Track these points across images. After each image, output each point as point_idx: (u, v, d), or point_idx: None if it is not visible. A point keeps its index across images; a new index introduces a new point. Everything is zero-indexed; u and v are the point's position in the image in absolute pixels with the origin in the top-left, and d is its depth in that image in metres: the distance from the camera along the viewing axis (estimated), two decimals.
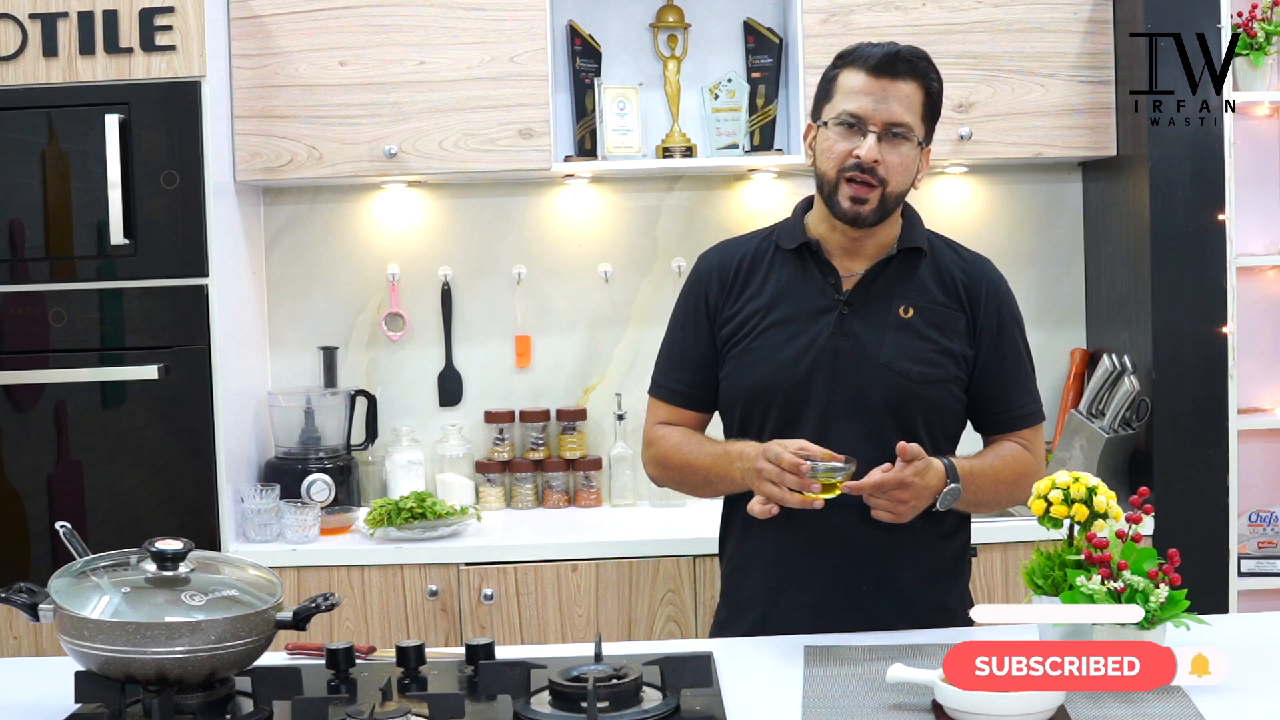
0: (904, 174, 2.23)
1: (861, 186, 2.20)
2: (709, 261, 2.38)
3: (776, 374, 2.24)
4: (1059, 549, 1.97)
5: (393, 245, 3.68)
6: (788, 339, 2.25)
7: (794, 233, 2.32)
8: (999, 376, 2.30)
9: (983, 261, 2.37)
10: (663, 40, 3.61)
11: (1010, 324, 2.32)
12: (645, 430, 2.44)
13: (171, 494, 3.17)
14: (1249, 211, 3.47)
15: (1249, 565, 3.34)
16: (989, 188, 3.70)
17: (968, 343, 2.28)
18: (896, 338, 2.24)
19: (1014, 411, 2.32)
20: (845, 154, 2.20)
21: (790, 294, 2.28)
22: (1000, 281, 2.35)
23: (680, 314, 2.38)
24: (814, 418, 2.23)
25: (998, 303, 2.32)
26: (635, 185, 3.68)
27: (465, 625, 3.14)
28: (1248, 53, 3.26)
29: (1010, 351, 2.32)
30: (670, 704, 1.79)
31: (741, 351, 2.28)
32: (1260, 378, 3.56)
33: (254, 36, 3.31)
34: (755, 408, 2.27)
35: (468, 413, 3.68)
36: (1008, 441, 2.32)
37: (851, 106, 2.20)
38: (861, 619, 2.20)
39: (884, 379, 2.23)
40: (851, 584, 2.24)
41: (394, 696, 1.85)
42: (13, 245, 3.14)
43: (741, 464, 2.19)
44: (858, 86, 2.21)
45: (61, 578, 1.85)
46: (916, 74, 2.22)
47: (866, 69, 2.21)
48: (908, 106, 2.21)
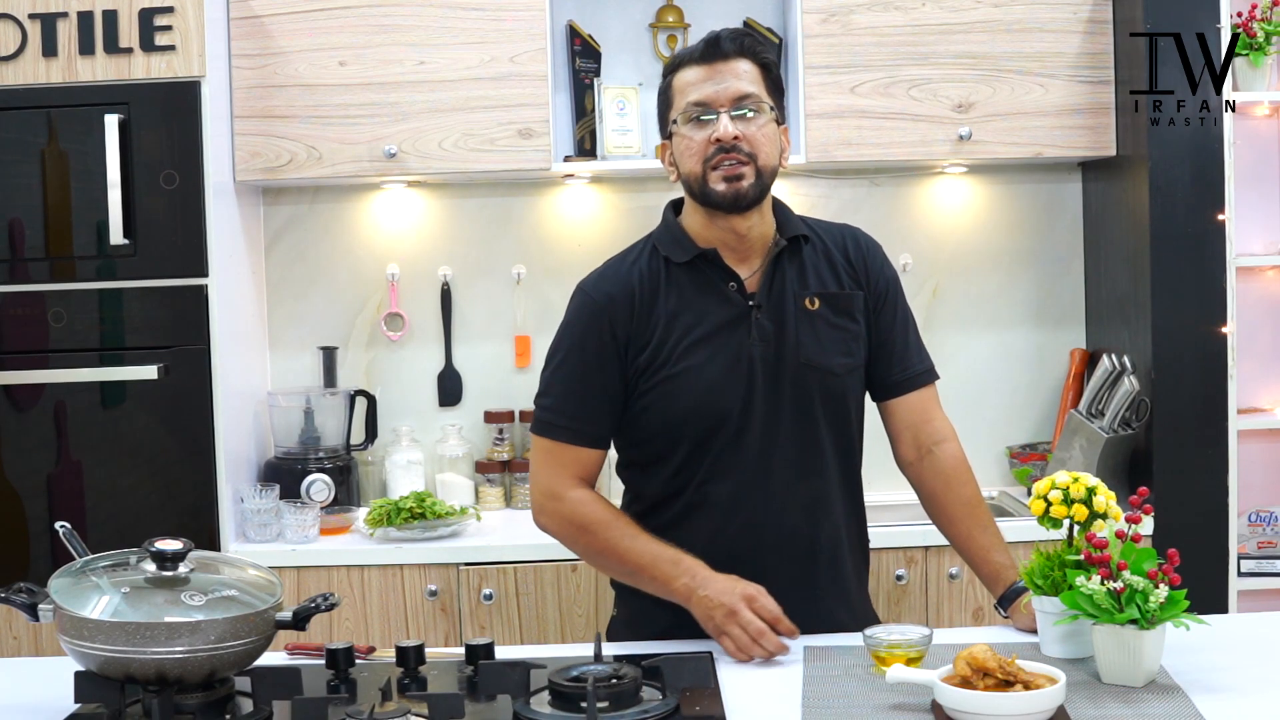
0: (769, 145, 2.18)
1: (732, 165, 2.15)
2: (605, 290, 2.24)
3: (715, 393, 2.18)
4: (1059, 549, 1.97)
5: (392, 245, 3.68)
6: (710, 356, 2.19)
7: (681, 244, 2.23)
8: (893, 336, 2.29)
9: (854, 230, 2.35)
10: (663, 40, 3.61)
11: (893, 283, 2.32)
12: (544, 479, 2.25)
13: (171, 494, 3.17)
14: (1249, 211, 3.47)
15: (1249, 565, 3.34)
16: (988, 188, 3.70)
17: (867, 320, 2.27)
18: (810, 332, 2.21)
19: (912, 369, 2.30)
20: (704, 143, 2.16)
21: (698, 308, 2.20)
22: (875, 245, 2.34)
23: (578, 351, 2.22)
24: (759, 429, 2.19)
25: (879, 266, 2.31)
26: (635, 185, 3.68)
27: (465, 625, 3.14)
28: (1248, 53, 3.26)
29: (901, 311, 2.31)
30: (670, 704, 1.79)
31: (665, 379, 2.19)
32: (1260, 378, 3.56)
33: (254, 36, 3.31)
34: (690, 432, 2.19)
35: (467, 413, 3.68)
36: (953, 484, 2.28)
37: (694, 97, 2.17)
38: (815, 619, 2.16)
39: (812, 378, 2.21)
40: (805, 582, 2.23)
41: (394, 696, 1.85)
42: (13, 245, 3.14)
43: (689, 581, 2.10)
44: (694, 78, 2.19)
45: (61, 578, 1.85)
46: (744, 50, 2.20)
47: (694, 61, 2.19)
48: (749, 80, 2.18)
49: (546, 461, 2.26)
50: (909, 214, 3.68)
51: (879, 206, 3.66)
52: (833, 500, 2.25)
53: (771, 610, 2.06)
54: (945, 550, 3.16)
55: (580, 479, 2.25)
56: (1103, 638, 1.84)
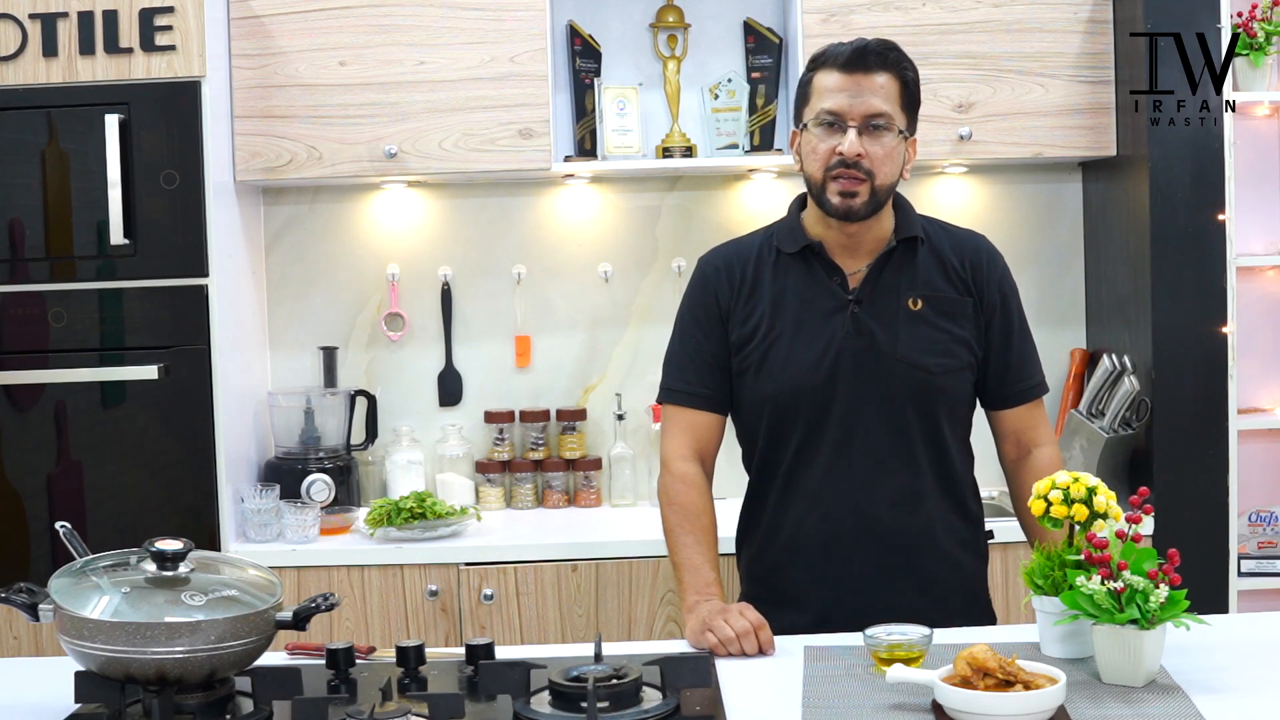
0: (890, 164, 2.24)
1: (849, 181, 2.22)
2: (714, 264, 2.37)
3: (798, 379, 2.26)
4: (1059, 549, 1.97)
5: (392, 245, 3.68)
6: (804, 343, 2.27)
7: (794, 235, 2.33)
8: (1006, 349, 2.34)
9: (977, 238, 2.40)
10: (663, 40, 3.61)
11: (1011, 296, 2.37)
12: (663, 444, 2.38)
13: (171, 494, 3.17)
14: (1249, 211, 3.47)
15: (1249, 565, 3.34)
16: (989, 188, 3.70)
17: (976, 326, 2.31)
18: (910, 331, 2.26)
19: (1022, 384, 2.37)
20: (829, 152, 2.22)
21: (799, 297, 2.30)
22: (996, 255, 2.39)
23: (689, 317, 2.37)
24: (838, 419, 2.27)
25: (998, 277, 2.35)
26: (635, 185, 3.68)
27: (465, 625, 3.14)
28: (1248, 53, 3.26)
29: (1016, 323, 2.36)
30: (670, 704, 1.79)
31: (759, 359, 2.29)
32: (1260, 378, 3.56)
33: (254, 36, 3.31)
34: (779, 415, 2.29)
35: (468, 413, 3.68)
36: (1042, 464, 2.34)
37: (829, 105, 2.23)
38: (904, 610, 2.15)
39: (904, 374, 2.26)
40: (889, 573, 2.27)
41: (394, 696, 1.85)
42: (13, 245, 3.14)
43: (701, 600, 2.17)
44: (832, 85, 2.23)
45: (61, 578, 1.85)
46: (888, 65, 2.24)
47: (838, 67, 2.23)
48: (884, 98, 2.22)
49: (666, 426, 2.39)
50: None
51: None
52: (925, 495, 2.29)
53: (755, 618, 2.09)
54: None
55: (694, 446, 2.35)
56: (1103, 638, 1.84)
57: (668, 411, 2.39)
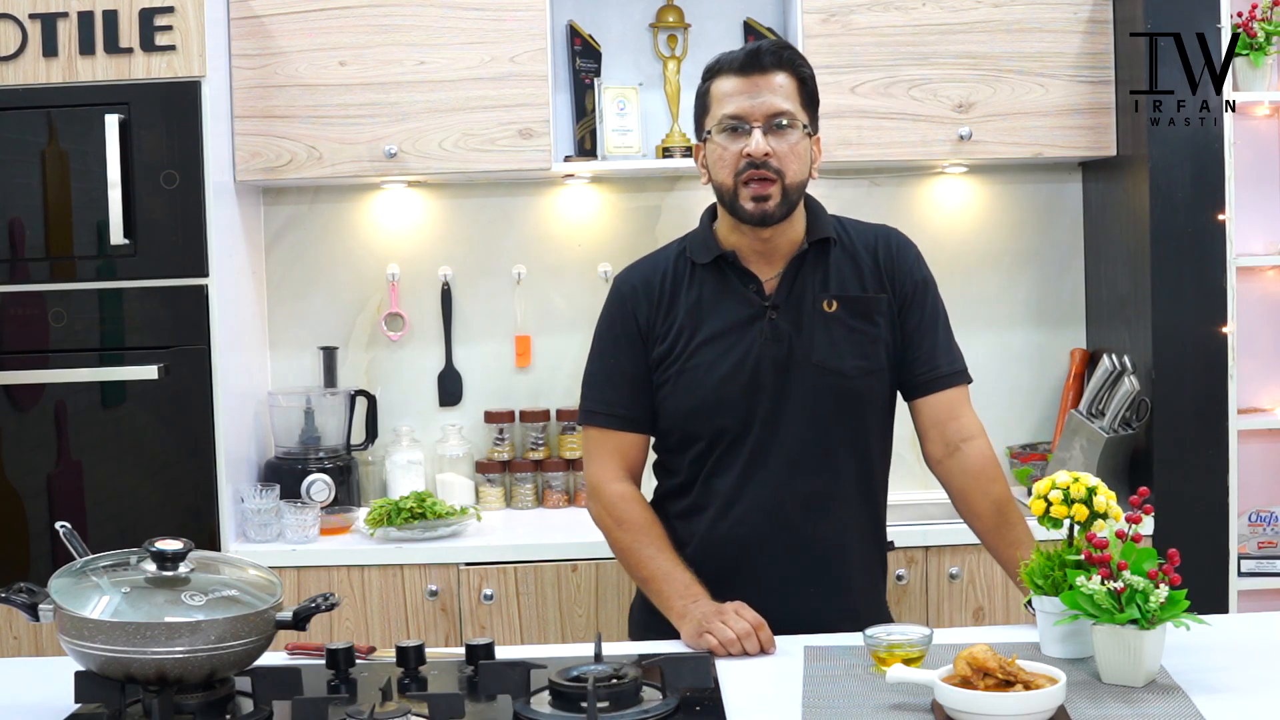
0: (798, 162, 2.22)
1: (760, 184, 2.20)
2: (630, 282, 2.35)
3: (719, 390, 2.24)
4: (1059, 549, 1.97)
5: (392, 245, 3.68)
6: (722, 354, 2.25)
7: (707, 246, 2.30)
8: (920, 336, 2.30)
9: (889, 231, 2.37)
10: (663, 40, 3.61)
11: (926, 285, 2.33)
12: (590, 469, 2.35)
13: (171, 494, 3.17)
14: (1249, 211, 3.47)
15: (1249, 565, 3.34)
16: (989, 188, 3.70)
17: (892, 321, 2.29)
18: (826, 334, 2.25)
19: (941, 369, 2.31)
20: (736, 156, 2.21)
21: (716, 308, 2.27)
22: (907, 245, 2.36)
23: (608, 337, 2.34)
24: (758, 426, 2.25)
25: (909, 266, 2.32)
26: (635, 185, 3.68)
27: (465, 625, 3.14)
28: (1248, 53, 3.26)
29: (930, 310, 2.32)
30: (670, 704, 1.79)
31: (677, 372, 2.27)
32: (1260, 378, 3.56)
33: (254, 36, 3.31)
34: (699, 425, 2.27)
35: (468, 413, 3.68)
36: (980, 481, 2.28)
37: (730, 109, 2.21)
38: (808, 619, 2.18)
39: (820, 379, 2.24)
40: (800, 583, 2.25)
41: (394, 696, 1.85)
42: (13, 245, 3.14)
43: (688, 604, 2.14)
44: (731, 89, 2.22)
45: (61, 578, 1.85)
46: (783, 64, 2.23)
47: (734, 71, 2.22)
48: (784, 96, 2.21)
49: (590, 450, 2.36)
50: (909, 214, 3.67)
51: (879, 207, 3.66)
52: (840, 499, 2.27)
53: (753, 618, 2.08)
54: (945, 550, 3.16)
55: (623, 467, 2.33)
56: (1103, 638, 1.84)
57: (591, 435, 2.35)
